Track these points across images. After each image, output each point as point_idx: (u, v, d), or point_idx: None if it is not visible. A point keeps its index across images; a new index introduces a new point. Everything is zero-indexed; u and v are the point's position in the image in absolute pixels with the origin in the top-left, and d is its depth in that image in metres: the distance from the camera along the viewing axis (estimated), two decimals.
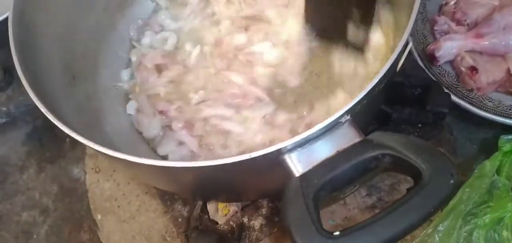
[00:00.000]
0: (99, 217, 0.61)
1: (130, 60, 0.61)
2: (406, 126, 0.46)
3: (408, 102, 0.46)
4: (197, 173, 0.33)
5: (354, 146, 0.31)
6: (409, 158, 0.29)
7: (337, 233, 0.27)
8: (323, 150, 0.32)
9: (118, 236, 0.59)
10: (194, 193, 0.47)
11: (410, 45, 0.47)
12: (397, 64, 0.39)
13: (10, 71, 0.67)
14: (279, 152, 0.32)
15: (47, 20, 0.51)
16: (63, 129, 0.37)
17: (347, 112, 0.32)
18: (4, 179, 0.69)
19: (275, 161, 0.32)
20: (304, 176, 0.31)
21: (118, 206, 0.61)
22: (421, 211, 0.27)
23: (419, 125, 0.46)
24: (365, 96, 0.32)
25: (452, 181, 0.27)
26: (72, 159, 0.67)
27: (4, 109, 0.68)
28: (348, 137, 0.32)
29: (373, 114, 0.45)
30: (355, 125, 0.32)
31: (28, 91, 0.41)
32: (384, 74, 0.33)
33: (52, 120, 0.39)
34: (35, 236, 0.62)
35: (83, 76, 0.53)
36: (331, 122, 0.32)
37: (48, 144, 0.69)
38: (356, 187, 0.45)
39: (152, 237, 0.57)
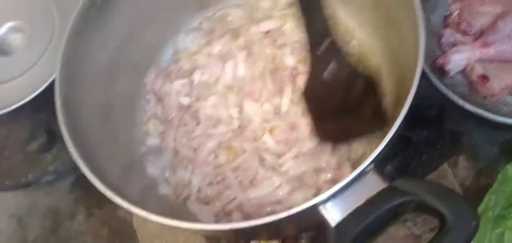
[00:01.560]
0: None
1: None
2: (426, 147, 0.49)
3: (425, 123, 0.50)
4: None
5: (380, 194, 0.35)
6: (433, 204, 0.33)
7: None
8: (353, 200, 0.36)
9: None
10: (236, 238, 0.51)
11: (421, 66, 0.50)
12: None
13: (53, 133, 0.72)
14: (315, 206, 0.36)
15: (86, 89, 0.56)
16: (113, 199, 0.42)
17: (371, 162, 0.36)
18: (56, 227, 0.75)
19: (311, 212, 0.36)
20: (339, 225, 0.35)
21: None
22: None
23: (439, 145, 0.49)
24: (387, 144, 0.36)
25: (473, 224, 0.31)
26: None
27: (51, 168, 0.73)
28: (373, 184, 0.36)
29: (395, 145, 0.48)
30: (378, 171, 0.36)
31: (77, 162, 0.47)
32: (403, 119, 0.37)
33: (104, 191, 0.44)
34: None
35: (124, 136, 0.59)
36: (359, 173, 0.36)
37: (93, 190, 0.75)
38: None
39: None
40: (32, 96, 0.70)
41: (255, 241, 0.52)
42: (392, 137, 0.36)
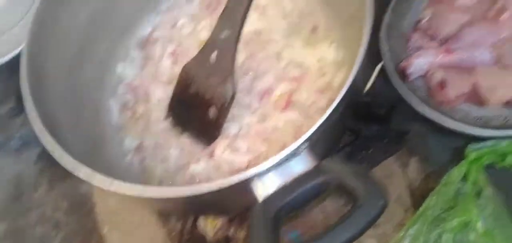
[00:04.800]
0: (105, 230, 0.67)
1: None
2: (374, 142, 0.51)
3: (376, 120, 0.51)
4: (175, 200, 0.38)
5: (309, 172, 0.36)
6: (349, 184, 0.35)
7: None
8: (284, 176, 0.37)
9: None
10: (184, 213, 0.52)
11: (379, 67, 0.51)
12: (353, 92, 0.43)
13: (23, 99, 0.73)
14: (246, 181, 0.37)
15: (54, 60, 0.56)
16: (72, 172, 0.42)
17: (305, 142, 0.37)
18: (19, 195, 0.75)
19: (243, 187, 0.37)
20: (266, 200, 0.36)
21: (122, 220, 0.67)
22: (355, 228, 0.32)
23: (385, 141, 0.50)
24: (320, 125, 0.37)
25: (381, 203, 0.32)
26: None
27: (18, 134, 0.74)
28: (305, 163, 0.37)
29: (338, 134, 0.50)
30: (311, 152, 0.37)
31: (42, 141, 0.47)
32: (338, 104, 0.38)
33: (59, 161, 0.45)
34: None
35: (88, 108, 0.59)
36: (291, 152, 0.37)
37: (57, 163, 0.76)
38: (311, 205, 0.50)
39: None
40: (6, 59, 0.71)
41: (203, 218, 0.53)
42: (328, 120, 0.37)
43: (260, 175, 0.37)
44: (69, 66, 0.58)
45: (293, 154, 0.37)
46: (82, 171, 0.43)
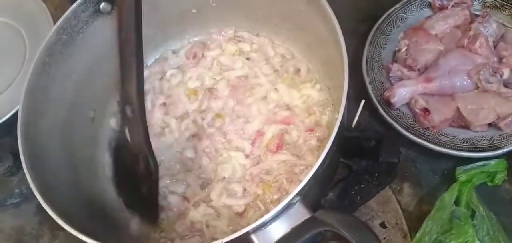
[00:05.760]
0: None
1: None
2: (365, 176, 0.53)
3: (365, 154, 0.53)
4: None
5: (304, 223, 0.38)
6: (343, 233, 0.37)
7: None
8: (281, 228, 0.39)
9: None
10: None
11: (363, 102, 0.54)
12: (342, 130, 0.45)
13: (19, 157, 0.74)
14: (247, 234, 0.39)
15: (48, 121, 0.57)
16: (71, 231, 0.44)
17: (297, 195, 0.39)
18: None
19: (243, 241, 0.39)
20: None
21: None
22: None
23: (376, 175, 0.52)
24: (310, 179, 0.39)
25: None
26: None
27: (17, 191, 0.75)
28: (299, 214, 0.39)
29: (328, 179, 0.52)
30: (304, 203, 0.39)
31: (40, 202, 0.48)
32: (326, 155, 0.40)
33: (61, 223, 0.46)
34: None
35: (83, 165, 0.60)
36: (285, 205, 0.39)
37: None
38: None
39: None
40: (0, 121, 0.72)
41: None
42: (317, 172, 0.39)
43: (258, 228, 0.39)
44: (62, 126, 0.60)
45: (287, 207, 0.39)
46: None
